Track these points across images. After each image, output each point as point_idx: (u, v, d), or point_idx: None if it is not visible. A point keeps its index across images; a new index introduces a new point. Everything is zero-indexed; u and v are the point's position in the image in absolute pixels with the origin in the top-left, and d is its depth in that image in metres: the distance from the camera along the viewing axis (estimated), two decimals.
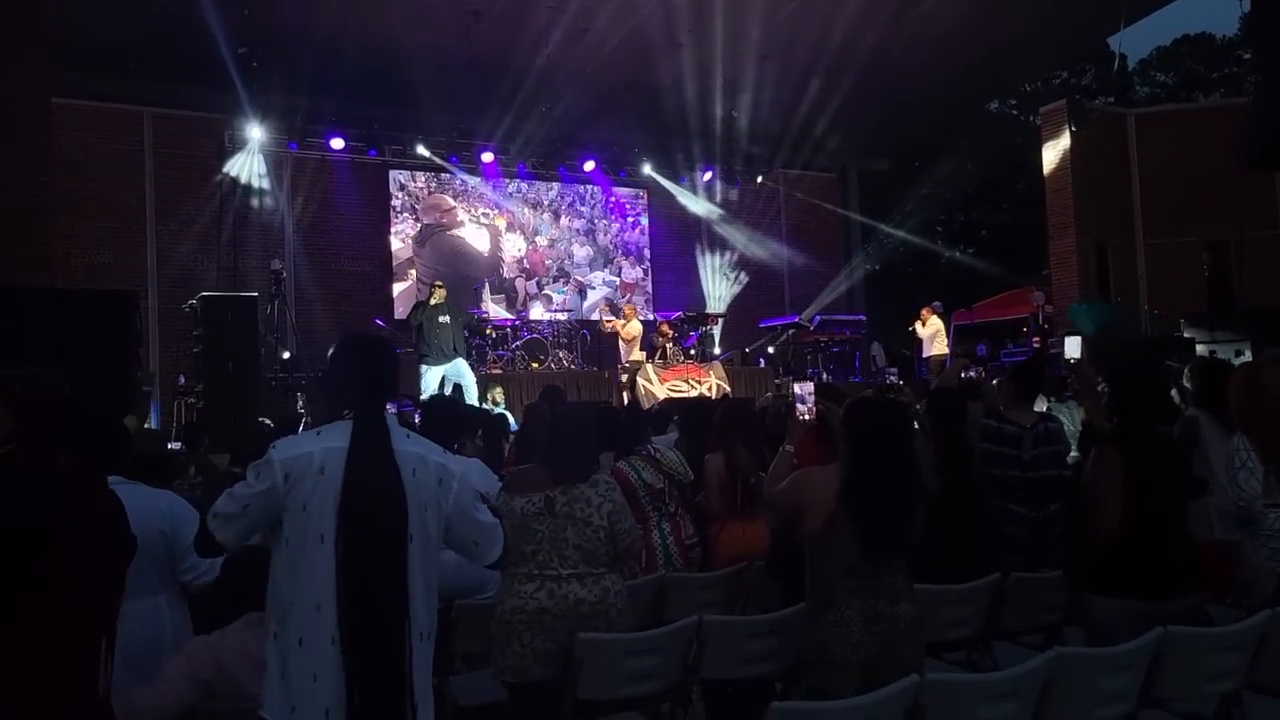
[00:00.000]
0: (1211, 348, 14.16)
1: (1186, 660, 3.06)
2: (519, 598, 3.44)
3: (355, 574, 2.32)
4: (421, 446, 2.53)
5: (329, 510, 2.34)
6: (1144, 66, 32.92)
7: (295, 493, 2.36)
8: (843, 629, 3.06)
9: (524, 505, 3.49)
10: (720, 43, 14.29)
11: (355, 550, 2.32)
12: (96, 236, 13.77)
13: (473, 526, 2.61)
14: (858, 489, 3.14)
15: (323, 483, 2.35)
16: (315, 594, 2.33)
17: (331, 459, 2.38)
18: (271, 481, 2.38)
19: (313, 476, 2.36)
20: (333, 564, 2.32)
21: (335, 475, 2.36)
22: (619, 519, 3.59)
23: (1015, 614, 4.12)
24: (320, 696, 2.30)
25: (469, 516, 2.59)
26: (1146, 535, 3.38)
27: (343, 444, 2.39)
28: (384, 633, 2.32)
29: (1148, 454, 3.47)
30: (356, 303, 15.53)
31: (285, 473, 2.37)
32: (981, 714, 2.69)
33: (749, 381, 14.74)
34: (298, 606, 2.35)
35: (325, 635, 2.31)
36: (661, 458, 4.79)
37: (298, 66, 13.20)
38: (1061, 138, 17.06)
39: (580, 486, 3.56)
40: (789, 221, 19.75)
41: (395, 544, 2.37)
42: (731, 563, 4.60)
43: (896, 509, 3.14)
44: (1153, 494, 3.42)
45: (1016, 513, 4.87)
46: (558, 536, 3.47)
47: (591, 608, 3.44)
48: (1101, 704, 2.95)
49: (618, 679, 3.33)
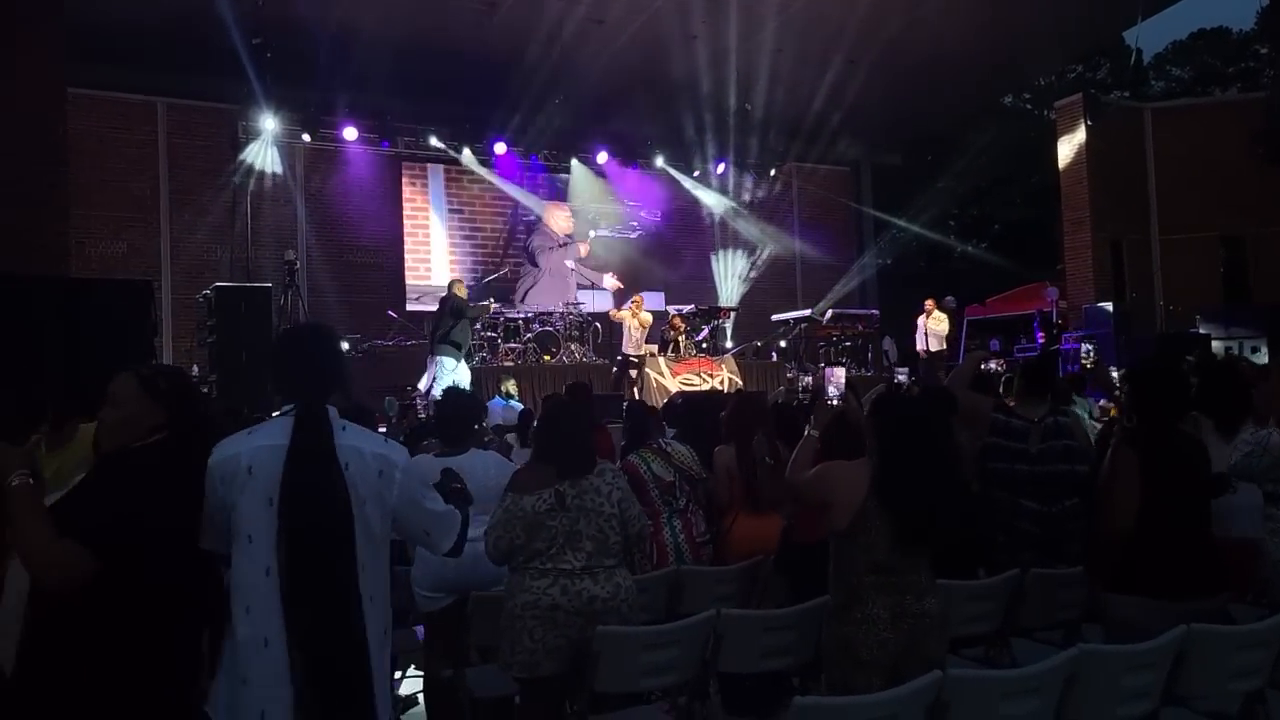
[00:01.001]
0: (1228, 344, 14.10)
1: (1210, 658, 3.03)
2: (531, 593, 3.43)
3: (300, 574, 2.26)
4: (357, 439, 2.47)
5: (258, 510, 2.30)
6: (1159, 61, 32.65)
7: (229, 494, 2.34)
8: (870, 626, 3.04)
9: (535, 504, 3.48)
10: (734, 35, 14.24)
11: (299, 549, 2.27)
12: (110, 226, 13.82)
13: (422, 516, 2.56)
14: (891, 483, 3.12)
15: (250, 483, 2.32)
16: (246, 597, 2.30)
17: (260, 457, 2.34)
18: (211, 487, 2.36)
19: (241, 476, 2.33)
20: (263, 565, 2.28)
21: (264, 474, 2.31)
22: (628, 505, 3.61)
23: (1033, 610, 4.09)
24: (252, 699, 2.26)
25: (417, 506, 2.53)
26: (1167, 534, 3.35)
27: (277, 441, 2.35)
28: (339, 632, 2.27)
29: (1167, 452, 3.44)
30: (369, 294, 15.56)
31: (219, 476, 2.35)
32: (1003, 710, 2.67)
33: (761, 375, 14.70)
34: (233, 609, 2.32)
35: (256, 638, 2.27)
36: (672, 451, 4.78)
37: (311, 57, 13.21)
38: (1077, 132, 16.96)
39: (588, 478, 3.56)
40: (802, 215, 19.71)
41: (341, 541, 2.32)
42: (743, 557, 4.59)
43: (931, 502, 3.11)
44: (1172, 492, 3.39)
45: (1027, 507, 4.83)
46: (572, 530, 3.46)
47: (604, 604, 3.43)
48: (1124, 701, 2.92)
49: (636, 672, 3.32)
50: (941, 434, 3.30)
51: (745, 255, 18.88)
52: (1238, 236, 16.52)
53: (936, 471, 3.17)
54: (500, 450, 5.87)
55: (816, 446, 3.61)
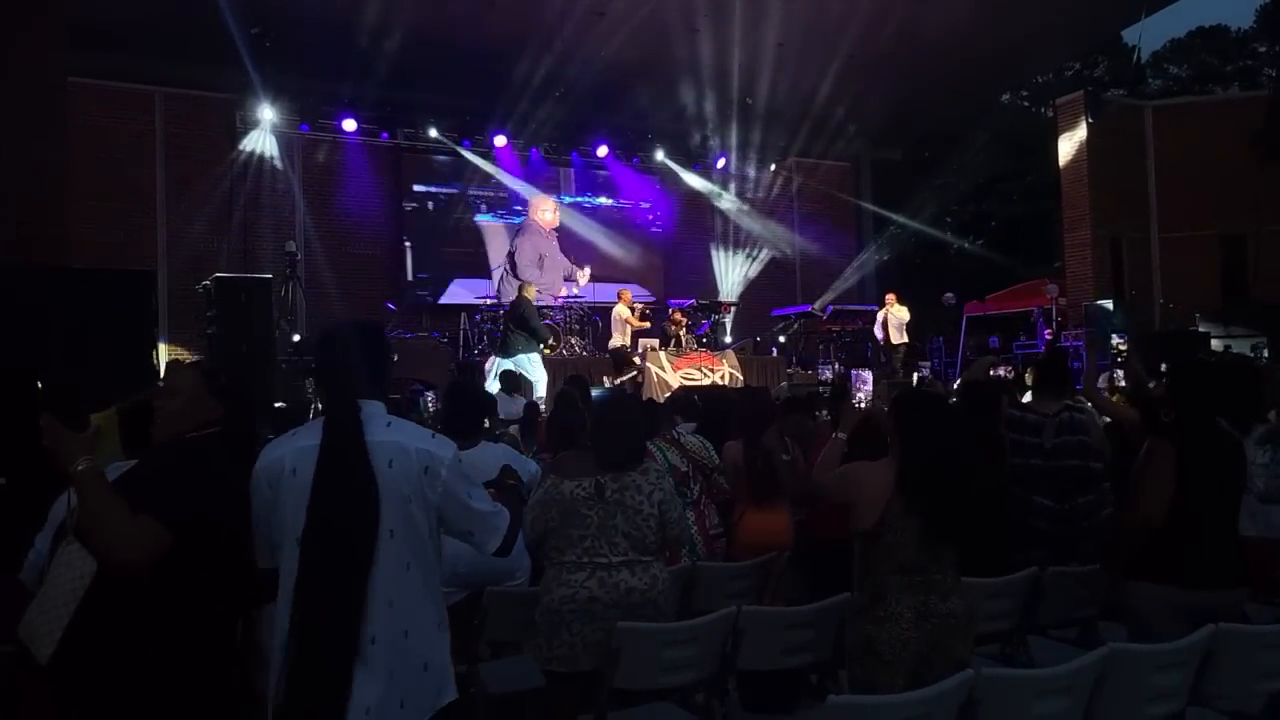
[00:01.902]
0: (1226, 342, 14.11)
1: (1236, 658, 3.02)
2: (569, 587, 3.38)
3: (310, 575, 2.23)
4: (402, 435, 2.40)
5: (301, 511, 2.27)
6: (1157, 59, 32.69)
7: (277, 497, 2.32)
8: (893, 624, 3.03)
9: (574, 489, 3.44)
10: (736, 28, 14.19)
11: (311, 551, 2.24)
12: (107, 216, 13.69)
13: (466, 515, 2.47)
14: (915, 480, 3.10)
15: (294, 484, 2.29)
16: (286, 604, 2.29)
17: (302, 458, 2.31)
18: (260, 492, 2.34)
19: (287, 479, 2.30)
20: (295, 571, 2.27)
21: (305, 474, 2.29)
22: (670, 507, 3.54)
23: (1050, 608, 4.06)
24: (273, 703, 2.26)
25: (460, 504, 2.45)
26: (1196, 526, 3.34)
27: (316, 440, 2.32)
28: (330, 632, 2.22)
29: (1204, 446, 3.42)
30: (367, 285, 15.48)
31: (266, 480, 2.33)
32: (1035, 709, 2.64)
33: (761, 370, 14.68)
34: (279, 609, 2.29)
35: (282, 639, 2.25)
36: (685, 441, 4.75)
37: (311, 48, 13.14)
38: (1078, 129, 16.95)
39: (631, 474, 3.51)
40: (802, 210, 19.69)
41: (360, 543, 2.26)
42: (751, 551, 4.56)
43: (955, 497, 3.10)
44: (1206, 486, 3.38)
45: (1041, 504, 4.81)
46: (607, 523, 3.42)
47: (642, 596, 3.39)
48: (1152, 701, 2.90)
49: (656, 669, 3.29)
50: (966, 429, 3.27)
51: (745, 250, 18.85)
52: (1237, 235, 16.52)
53: (962, 468, 3.14)
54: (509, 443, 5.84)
55: (844, 448, 3.60)
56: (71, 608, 2.26)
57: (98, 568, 2.29)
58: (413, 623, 2.32)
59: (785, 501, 4.74)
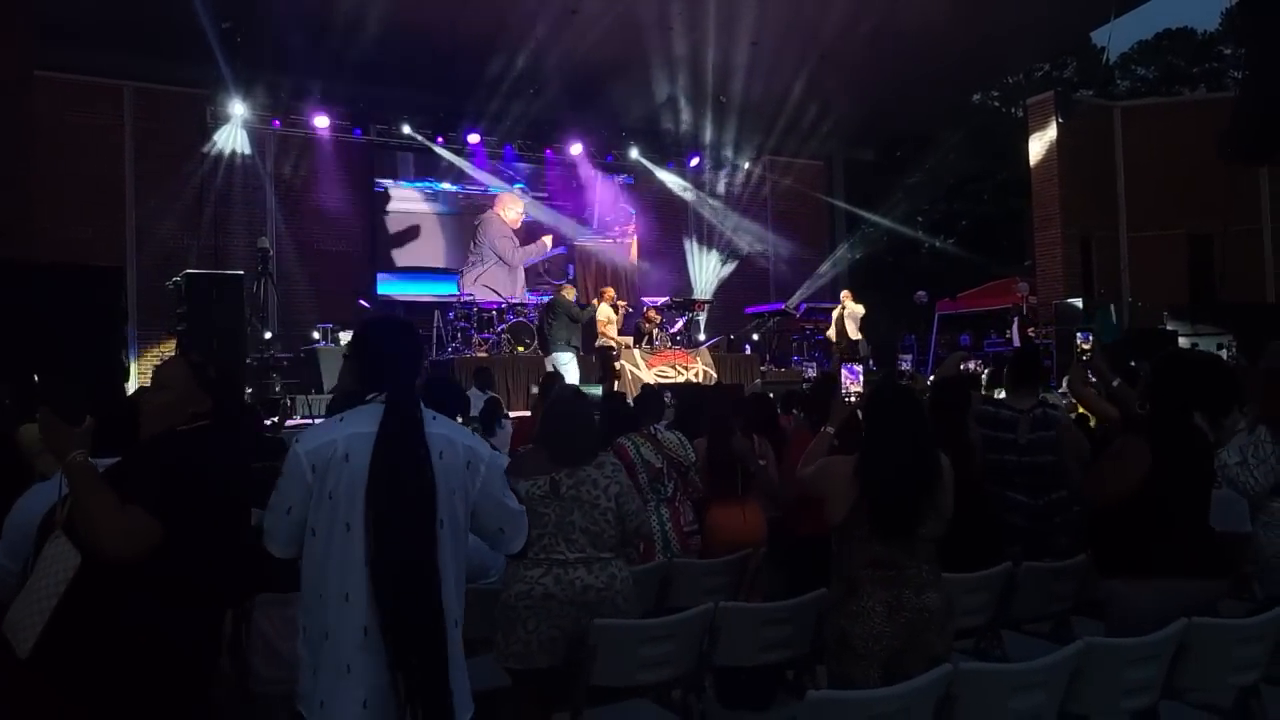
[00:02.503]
0: (1193, 340, 14.27)
1: (1210, 652, 3.05)
2: (525, 583, 3.38)
3: (385, 561, 2.23)
4: (448, 429, 2.45)
5: (356, 498, 2.25)
6: (1125, 60, 33.05)
7: (323, 482, 2.28)
8: (866, 618, 3.05)
9: (529, 489, 3.43)
10: (711, 27, 14.20)
11: (385, 537, 2.24)
12: (75, 211, 13.51)
13: (501, 512, 2.53)
14: (870, 469, 3.14)
15: (348, 470, 2.27)
16: (344, 584, 2.25)
17: (356, 445, 2.29)
18: (300, 477, 2.29)
19: (338, 464, 2.27)
20: (362, 553, 2.24)
21: (360, 462, 2.27)
22: (626, 500, 3.56)
23: (1024, 603, 4.10)
24: (355, 689, 2.22)
25: (497, 501, 2.50)
26: (1171, 520, 3.37)
27: (369, 429, 2.30)
28: (420, 620, 2.24)
29: (1178, 441, 3.45)
30: (340, 283, 15.33)
31: (311, 464, 2.27)
32: (1011, 704, 2.66)
33: (735, 368, 14.72)
34: (326, 599, 2.26)
35: (356, 626, 2.23)
36: (661, 438, 4.75)
37: (282, 43, 13.01)
38: (1048, 129, 17.11)
39: (586, 469, 3.52)
40: (775, 209, 19.75)
41: (425, 529, 2.29)
42: (722, 548, 4.57)
43: (908, 489, 3.12)
44: (1180, 480, 3.40)
45: (1016, 500, 4.86)
46: (564, 520, 3.42)
47: (598, 594, 3.39)
48: (1126, 695, 2.93)
49: (633, 665, 3.28)
50: (920, 425, 3.28)
51: (719, 248, 18.87)
52: (1204, 235, 16.73)
53: (917, 466, 3.16)
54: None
55: (833, 443, 3.62)
56: (53, 601, 2.24)
57: (82, 561, 2.27)
58: (457, 615, 2.38)
59: (756, 498, 4.75)
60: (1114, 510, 3.51)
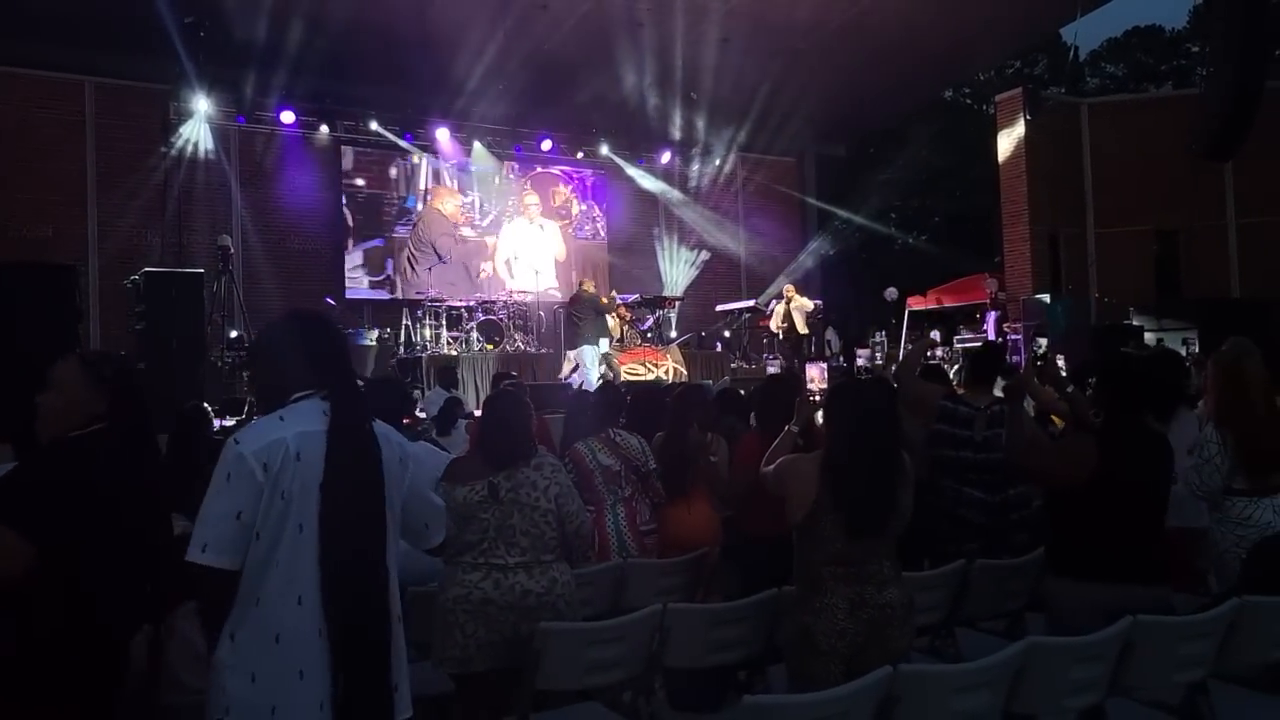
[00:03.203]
0: (1159, 336, 14.41)
1: (1155, 649, 3.04)
2: (463, 587, 3.34)
3: (339, 562, 2.18)
4: (381, 426, 2.40)
5: (309, 498, 2.18)
6: (1094, 58, 33.32)
7: (276, 483, 2.18)
8: (828, 615, 3.03)
9: (466, 494, 3.38)
10: (680, 23, 14.16)
11: (339, 537, 2.19)
12: (35, 209, 13.35)
13: (427, 508, 2.54)
14: (839, 473, 3.11)
15: (301, 469, 2.19)
16: (296, 587, 2.17)
17: (307, 443, 2.21)
18: (250, 477, 2.17)
19: (290, 463, 2.19)
20: (315, 554, 2.17)
21: (313, 460, 2.20)
22: (566, 501, 3.51)
23: (978, 600, 4.09)
24: (312, 692, 2.16)
25: (424, 497, 2.51)
26: (1118, 522, 3.36)
27: (318, 427, 2.23)
28: (370, 620, 2.21)
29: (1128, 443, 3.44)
30: (307, 281, 15.21)
31: (262, 463, 2.17)
32: (954, 704, 2.64)
33: (705, 365, 14.72)
34: (274, 602, 2.17)
35: (311, 629, 2.17)
36: (621, 441, 4.70)
37: (247, 38, 12.86)
38: (1016, 126, 17.19)
39: (524, 470, 3.46)
40: (747, 205, 19.73)
41: (375, 528, 2.26)
42: (677, 548, 4.53)
43: (876, 492, 3.10)
44: (1130, 483, 3.39)
45: (973, 496, 4.85)
46: (504, 524, 3.37)
47: (538, 599, 3.34)
48: (1072, 694, 2.92)
49: (580, 669, 3.24)
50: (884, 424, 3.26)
51: (690, 245, 18.83)
52: (1170, 231, 16.89)
53: (884, 464, 3.14)
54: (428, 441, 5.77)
55: (797, 441, 3.59)
56: None
57: None
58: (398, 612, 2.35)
59: (704, 494, 4.72)
60: (1067, 510, 3.51)
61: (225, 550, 2.14)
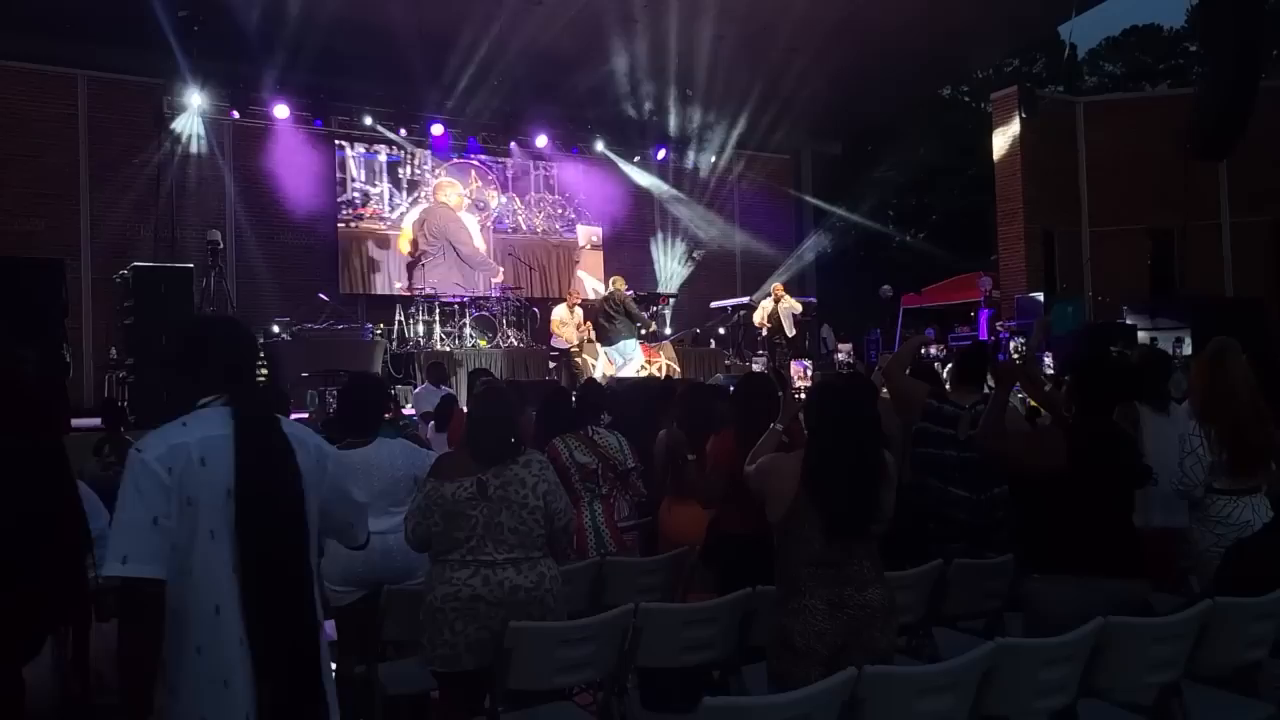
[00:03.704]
0: (1153, 334, 14.38)
1: (1126, 651, 3.02)
2: (451, 584, 3.32)
3: (257, 567, 2.15)
4: (294, 428, 2.37)
5: (218, 503, 2.15)
6: (1093, 56, 33.28)
7: (181, 489, 2.14)
8: (807, 616, 3.00)
9: (455, 491, 3.37)
10: (675, 20, 14.12)
11: (255, 542, 2.15)
12: (27, 203, 13.32)
13: (349, 506, 2.49)
14: (819, 474, 3.09)
15: (206, 474, 2.15)
16: (213, 596, 2.14)
17: (212, 448, 2.17)
18: (158, 482, 2.12)
19: (194, 469, 2.15)
20: (228, 560, 2.14)
21: (219, 465, 2.16)
22: (554, 498, 3.51)
23: (956, 600, 4.07)
24: (239, 702, 2.13)
25: (345, 496, 2.46)
26: (1090, 518, 3.36)
27: (222, 431, 2.20)
28: (294, 626, 2.18)
29: (1098, 441, 3.44)
30: (301, 276, 15.16)
31: (167, 468, 2.12)
32: (919, 707, 2.62)
33: (699, 362, 14.70)
34: (190, 613, 2.14)
35: (232, 638, 2.14)
36: (599, 439, 4.68)
37: (241, 31, 12.81)
38: (1012, 124, 17.18)
39: (513, 467, 3.45)
40: (742, 202, 19.70)
41: (292, 531, 2.22)
42: (674, 544, 4.51)
43: (858, 493, 3.07)
44: (1100, 479, 3.39)
45: (957, 495, 4.83)
46: (492, 521, 3.36)
47: (527, 594, 3.34)
48: (1042, 695, 2.90)
49: (550, 668, 3.22)
50: (866, 424, 3.24)
51: (685, 242, 18.81)
52: (1165, 230, 16.88)
53: (864, 464, 3.12)
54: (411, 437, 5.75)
55: (782, 440, 3.57)
56: None
57: None
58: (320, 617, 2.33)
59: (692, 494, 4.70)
60: (1035, 505, 3.51)
61: (147, 559, 2.08)
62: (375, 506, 3.95)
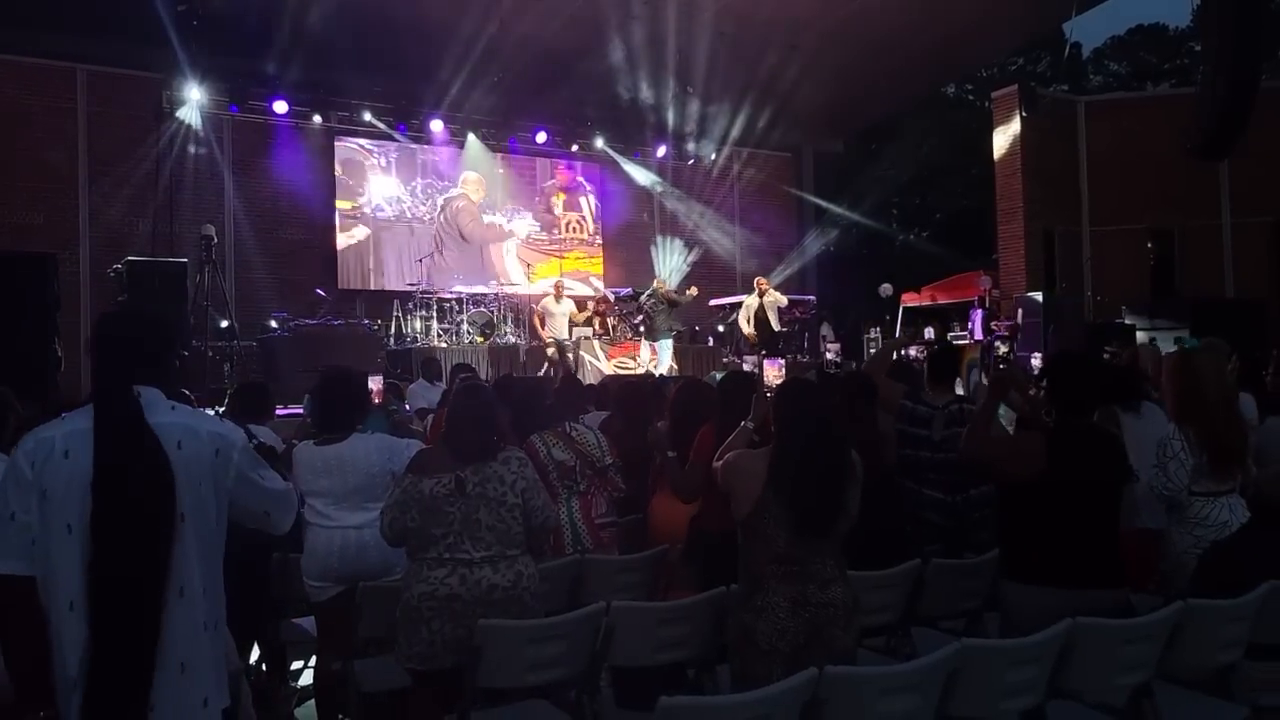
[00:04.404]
0: (1152, 334, 14.33)
1: (1096, 651, 3.01)
2: (428, 583, 3.32)
3: (106, 564, 2.09)
4: (190, 418, 2.32)
5: (75, 496, 2.12)
6: (1098, 56, 33.17)
7: (39, 480, 2.13)
8: (770, 614, 2.99)
9: (433, 487, 3.37)
10: (675, 16, 14.10)
11: (109, 538, 2.10)
12: (25, 197, 13.34)
13: (261, 495, 2.41)
14: (785, 473, 3.08)
15: (67, 466, 2.13)
16: (69, 591, 2.10)
17: (76, 441, 2.16)
18: (21, 476, 2.14)
19: (56, 461, 2.14)
20: (81, 556, 2.10)
21: (81, 458, 2.14)
22: (532, 496, 3.50)
23: (934, 599, 4.06)
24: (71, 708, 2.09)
25: (254, 484, 2.38)
26: (1068, 526, 3.33)
27: (86, 425, 2.18)
28: (132, 630, 2.10)
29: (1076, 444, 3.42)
30: (298, 271, 15.19)
31: (31, 462, 2.14)
32: (882, 707, 2.61)
33: (697, 359, 14.68)
34: (51, 609, 2.12)
35: (78, 636, 2.09)
36: (577, 436, 4.66)
37: (240, 26, 12.83)
38: (1013, 123, 17.12)
39: (492, 465, 3.45)
40: (742, 200, 19.66)
41: (159, 526, 2.15)
42: (660, 539, 4.51)
43: (824, 492, 3.06)
44: (1078, 485, 3.37)
45: (932, 497, 4.84)
46: (470, 518, 3.36)
47: (504, 593, 3.33)
48: (1009, 696, 2.89)
49: (521, 666, 3.21)
50: (838, 425, 3.24)
51: (684, 239, 18.78)
52: (1165, 230, 16.82)
53: (830, 464, 3.11)
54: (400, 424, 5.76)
55: (752, 438, 3.56)
56: None
57: None
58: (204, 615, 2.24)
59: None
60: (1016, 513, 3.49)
61: (11, 555, 2.10)
62: (350, 502, 3.97)
